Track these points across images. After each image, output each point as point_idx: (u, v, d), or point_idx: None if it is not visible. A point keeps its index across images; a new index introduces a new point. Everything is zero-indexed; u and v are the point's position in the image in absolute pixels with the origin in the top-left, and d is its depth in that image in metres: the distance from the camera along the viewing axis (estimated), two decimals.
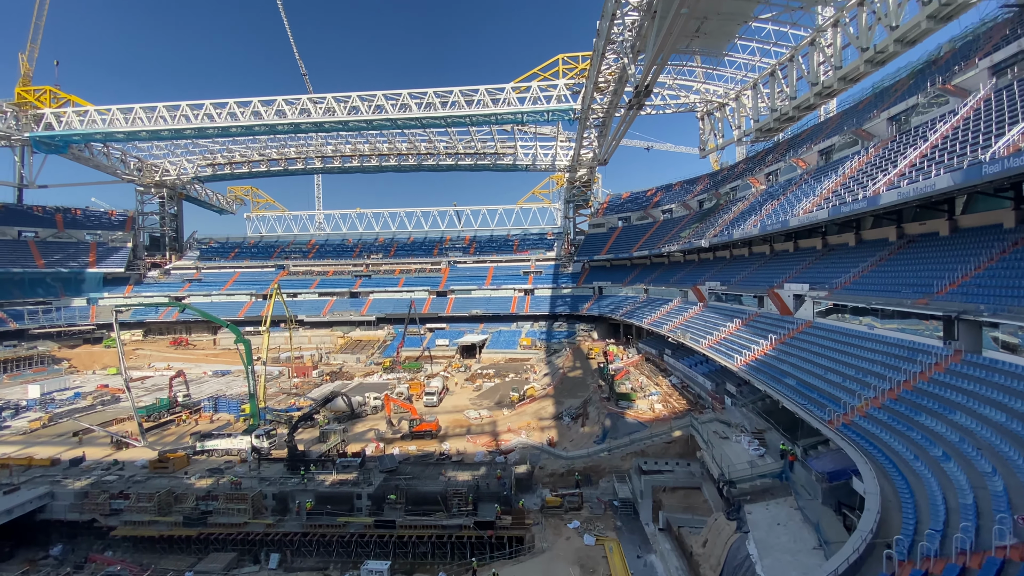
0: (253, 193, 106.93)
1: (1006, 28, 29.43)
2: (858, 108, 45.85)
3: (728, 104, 57.84)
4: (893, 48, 34.15)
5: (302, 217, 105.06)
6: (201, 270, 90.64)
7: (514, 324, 74.23)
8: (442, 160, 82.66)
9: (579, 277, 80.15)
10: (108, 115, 63.17)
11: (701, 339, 39.88)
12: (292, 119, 61.64)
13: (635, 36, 36.57)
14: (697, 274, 55.26)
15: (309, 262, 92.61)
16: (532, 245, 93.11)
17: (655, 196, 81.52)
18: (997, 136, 21.85)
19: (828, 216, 30.79)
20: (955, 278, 22.60)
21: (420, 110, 60.25)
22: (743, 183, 57.54)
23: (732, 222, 49.81)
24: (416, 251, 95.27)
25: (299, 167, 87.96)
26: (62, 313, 73.97)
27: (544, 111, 58.65)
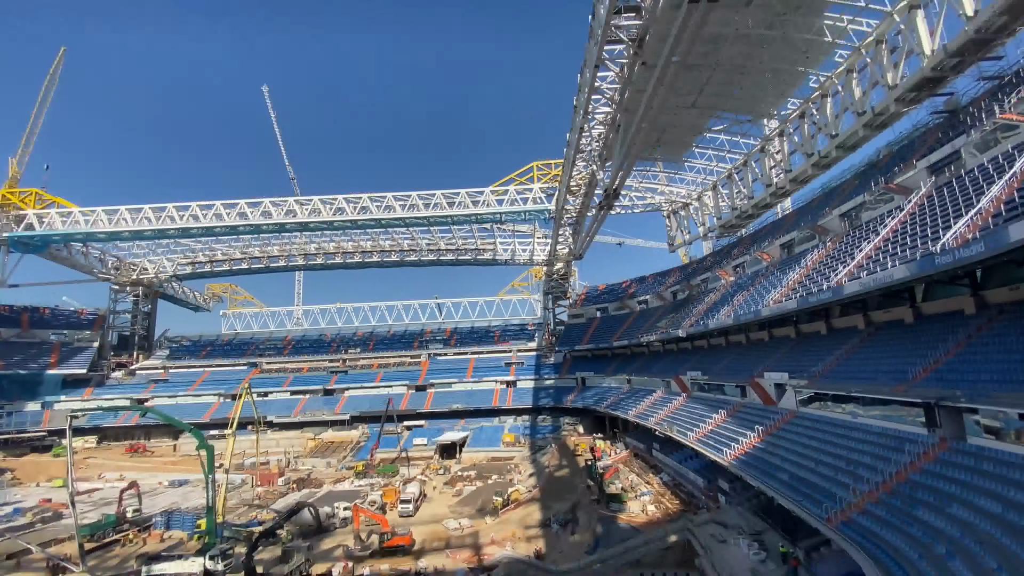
0: (231, 290, 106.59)
1: (938, 132, 32.98)
2: (811, 206, 49.57)
3: (692, 203, 62.09)
4: (835, 153, 37.90)
5: (280, 313, 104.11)
6: (169, 370, 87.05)
7: (496, 419, 71.62)
8: (424, 256, 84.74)
9: (561, 367, 79.33)
10: (92, 216, 64.06)
11: (688, 432, 38.86)
12: (278, 219, 63.43)
13: (602, 146, 39.87)
14: (677, 364, 55.30)
15: (284, 359, 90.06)
16: (513, 336, 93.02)
17: (630, 288, 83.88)
18: (944, 229, 23.57)
19: (797, 306, 31.84)
20: (928, 364, 23.04)
21: (404, 211, 62.91)
22: (713, 275, 59.92)
23: (706, 312, 51.03)
24: (396, 344, 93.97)
25: (281, 265, 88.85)
26: (12, 419, 68.97)
27: (521, 211, 61.86)
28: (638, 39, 25.39)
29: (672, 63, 22.19)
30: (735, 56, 34.42)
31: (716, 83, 37.04)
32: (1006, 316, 22.19)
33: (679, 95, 36.82)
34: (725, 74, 36.20)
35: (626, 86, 29.78)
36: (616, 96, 32.48)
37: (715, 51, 33.36)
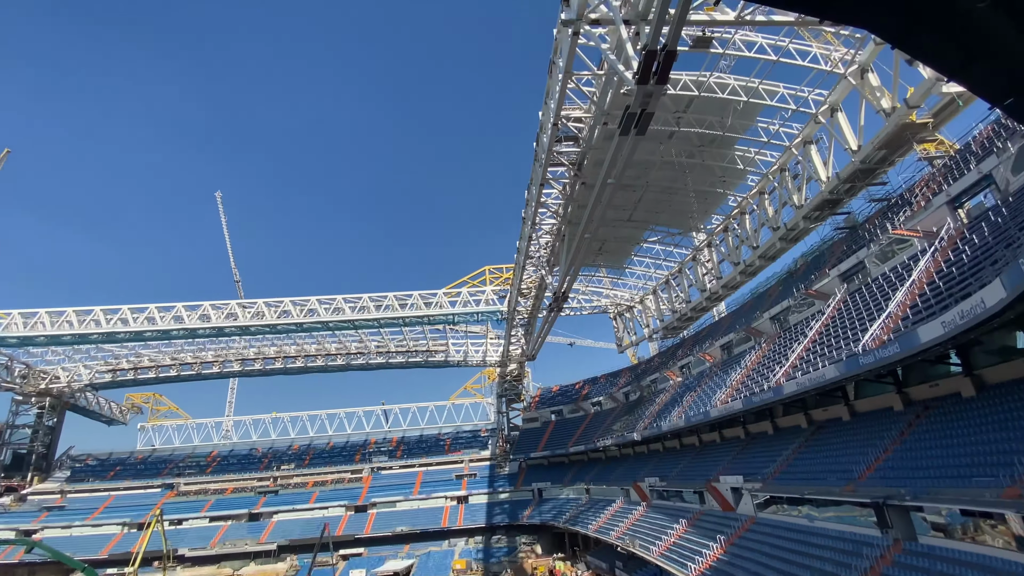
0: (154, 400, 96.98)
1: (843, 245, 37.19)
2: (744, 309, 53.17)
3: (636, 306, 65.22)
4: (758, 263, 41.71)
5: (207, 425, 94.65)
6: (67, 494, 75.13)
7: (446, 542, 65.12)
8: (372, 359, 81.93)
9: (516, 478, 75.03)
10: (7, 320, 58.69)
11: (651, 546, 36.77)
12: (217, 323, 60.46)
13: (549, 253, 42.14)
14: (635, 469, 53.85)
15: (205, 478, 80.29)
16: (465, 444, 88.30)
17: (583, 389, 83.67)
18: (862, 331, 25.69)
19: (743, 407, 32.66)
20: (870, 462, 23.66)
21: (354, 313, 61.90)
22: (661, 376, 61.20)
23: (659, 414, 51.21)
24: (335, 458, 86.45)
25: (215, 371, 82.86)
26: None
27: (474, 312, 62.45)
28: (578, 163, 28.24)
29: (608, 184, 24.59)
30: (663, 179, 38.73)
31: (648, 201, 41.10)
32: (931, 411, 23.63)
33: (616, 210, 40.38)
34: (655, 194, 40.37)
35: (569, 202, 32.41)
36: (560, 210, 35.13)
37: (645, 174, 37.47)
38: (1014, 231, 19.31)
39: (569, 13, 20.00)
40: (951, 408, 22.46)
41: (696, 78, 31.22)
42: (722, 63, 30.44)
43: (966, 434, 20.19)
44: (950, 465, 19.42)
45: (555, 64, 24.06)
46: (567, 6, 20.07)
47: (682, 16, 15.07)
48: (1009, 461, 16.64)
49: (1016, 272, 14.11)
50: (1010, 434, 18.03)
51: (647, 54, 16.13)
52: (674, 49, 15.97)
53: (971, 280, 19.58)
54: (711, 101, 32.28)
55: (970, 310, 16.38)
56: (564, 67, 22.50)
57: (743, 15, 23.27)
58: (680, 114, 33.16)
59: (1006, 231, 20.05)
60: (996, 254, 19.34)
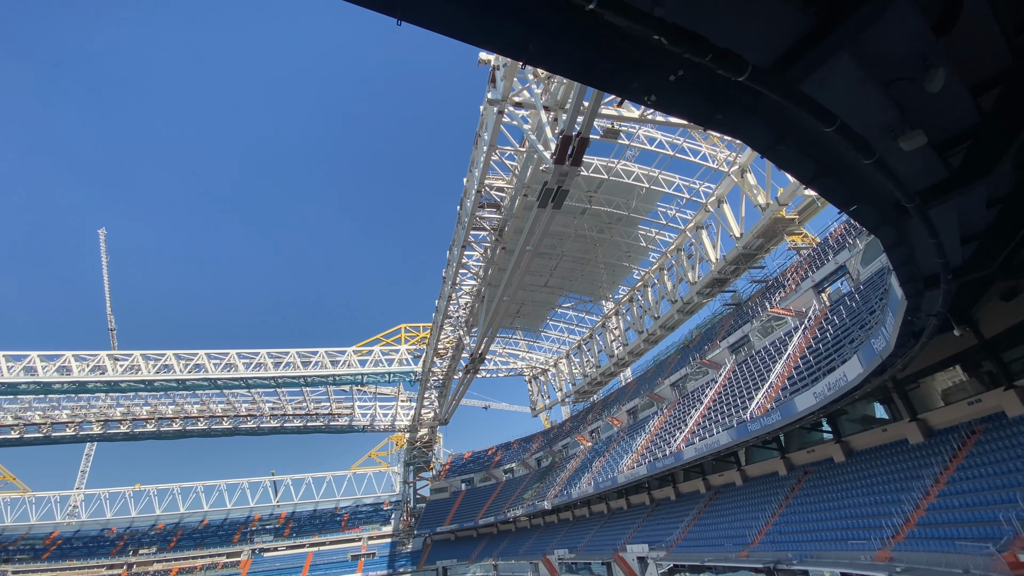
0: None
1: (731, 319, 41.08)
2: (647, 375, 56.04)
3: (550, 370, 66.35)
4: (659, 332, 44.72)
5: (50, 499, 78.39)
6: None
7: None
8: (265, 422, 74.17)
9: (420, 556, 69.47)
10: None
11: None
12: (79, 377, 52.06)
13: (468, 313, 42.18)
14: (545, 540, 52.31)
15: (40, 565, 65.61)
16: (365, 519, 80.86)
17: (496, 455, 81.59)
18: (749, 399, 27.98)
19: (647, 472, 33.59)
20: (761, 526, 25.03)
21: (248, 370, 56.44)
22: (572, 440, 61.63)
23: (569, 480, 50.98)
24: (209, 539, 74.93)
25: (68, 434, 70.04)
26: None
27: (386, 372, 59.65)
28: (499, 229, 29.27)
29: (527, 250, 25.65)
30: (576, 250, 41.18)
31: (563, 269, 43.24)
32: (810, 475, 25.84)
33: (534, 275, 41.92)
34: (569, 263, 42.65)
35: (489, 264, 33.15)
36: (481, 272, 35.74)
37: (561, 244, 39.66)
38: (865, 315, 22.66)
39: (495, 94, 21.51)
40: (826, 472, 24.76)
41: (606, 163, 34.42)
42: (628, 153, 33.96)
43: (840, 497, 22.23)
44: (829, 528, 21.10)
45: (480, 137, 25.40)
46: (493, 87, 21.61)
47: (594, 109, 16.83)
48: (878, 524, 18.42)
49: (868, 351, 16.42)
50: (877, 498, 20.13)
51: (563, 138, 17.65)
52: (587, 136, 17.65)
53: (834, 356, 22.43)
54: (618, 185, 35.55)
55: (835, 382, 18.61)
56: (489, 140, 23.83)
57: (645, 114, 26.47)
58: (592, 193, 36.06)
59: (859, 314, 23.46)
60: (853, 334, 22.45)
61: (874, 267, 25.23)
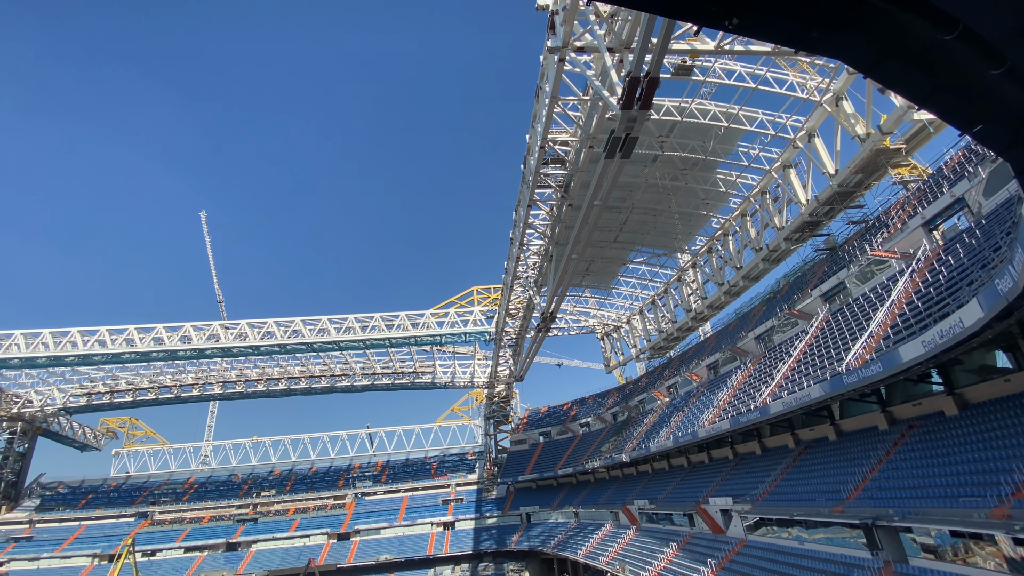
0: (130, 424, 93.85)
1: (824, 266, 37.89)
2: (729, 329, 53.64)
3: (623, 327, 65.44)
4: (742, 283, 42.27)
5: (185, 451, 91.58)
6: (36, 524, 71.73)
7: (431, 571, 63.29)
8: (357, 381, 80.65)
9: (504, 503, 73.63)
10: None
11: (641, 571, 36.14)
12: (199, 344, 59.16)
13: (537, 273, 42.30)
14: (624, 492, 53.25)
15: (182, 506, 77.39)
16: (452, 468, 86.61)
17: (572, 410, 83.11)
18: (845, 351, 26.01)
19: (731, 426, 32.66)
20: (857, 482, 23.68)
21: (340, 334, 61.09)
22: (649, 396, 61.11)
23: (647, 434, 50.97)
24: (318, 484, 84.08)
25: (194, 394, 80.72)
26: None
27: (462, 333, 62.06)
28: (565, 185, 28.61)
29: (594, 205, 24.90)
30: (648, 201, 39.36)
31: (634, 222, 41.66)
32: (915, 430, 23.85)
33: (603, 231, 40.86)
34: (641, 215, 40.97)
35: (556, 223, 32.71)
36: (548, 231, 35.42)
37: (631, 196, 38.07)
38: (988, 252, 19.88)
39: (555, 41, 20.50)
40: (935, 426, 22.70)
41: (678, 104, 32.06)
42: (703, 90, 31.35)
43: (951, 453, 20.37)
44: (937, 484, 19.52)
45: (541, 89, 24.55)
46: (553, 34, 20.59)
47: (664, 45, 15.54)
48: (995, 481, 16.76)
49: (992, 292, 14.47)
50: (995, 453, 18.22)
51: (630, 81, 16.55)
52: (656, 76, 16.41)
53: (949, 300, 20.03)
54: (693, 126, 33.12)
55: (949, 329, 16.71)
56: (550, 92, 22.97)
57: (722, 44, 24.07)
58: (663, 138, 33.94)
59: (980, 252, 20.63)
60: (972, 275, 19.85)
61: (999, 198, 21.86)
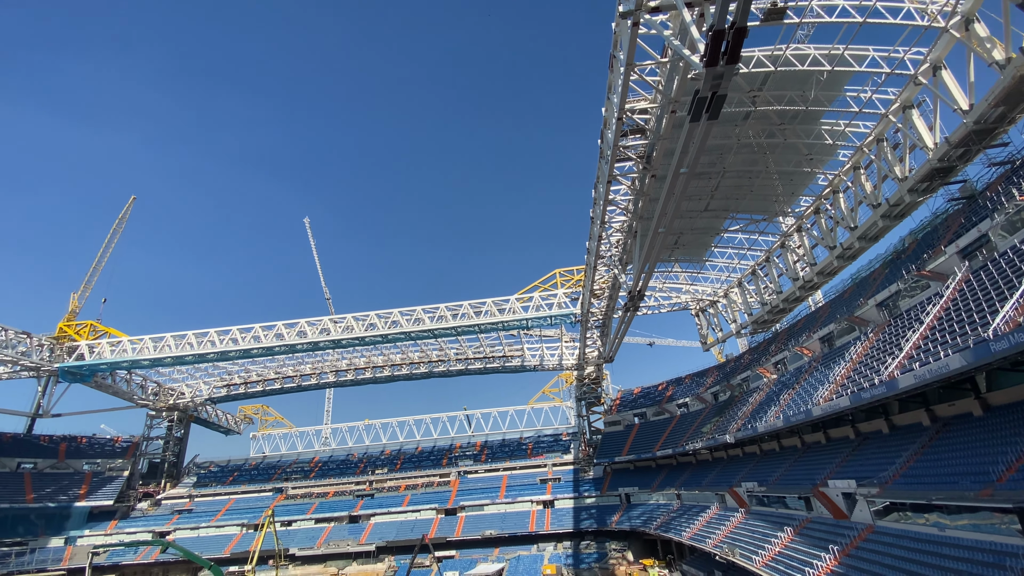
0: (263, 411, 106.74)
1: (961, 217, 32.86)
2: (844, 297, 48.52)
3: (719, 301, 61.70)
4: (858, 244, 37.94)
5: (308, 433, 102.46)
6: (194, 498, 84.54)
7: (535, 547, 65.27)
8: (452, 366, 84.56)
9: (602, 483, 73.63)
10: (139, 344, 67.43)
11: (753, 555, 34.41)
12: (313, 338, 65.43)
13: (621, 251, 41.10)
14: (730, 474, 50.80)
15: (310, 482, 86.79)
16: (547, 448, 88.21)
17: (667, 390, 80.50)
18: (991, 313, 22.48)
19: (851, 403, 29.70)
20: (1010, 462, 20.54)
21: (432, 322, 64.31)
22: (753, 373, 57.34)
23: (752, 414, 47.99)
24: (424, 462, 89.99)
25: (312, 383, 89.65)
26: (34, 556, 66.28)
27: (547, 316, 62.41)
28: (646, 156, 27.38)
29: (680, 174, 23.55)
30: (741, 163, 36.49)
31: (727, 188, 38.88)
32: None
33: (692, 201, 38.64)
34: (734, 179, 38.12)
35: (639, 197, 31.47)
36: (630, 206, 34.21)
37: (721, 160, 35.52)
38: None
39: (627, 4, 19.51)
40: None
41: (771, 53, 29.16)
42: (799, 33, 28.19)
43: None
44: None
45: (615, 58, 23.55)
46: None
47: None
48: None
49: None
50: None
51: (714, 35, 15.31)
52: (744, 25, 15.02)
53: None
54: (789, 75, 29.98)
55: None
56: (625, 59, 21.95)
57: None
58: (755, 93, 31.12)
59: None
60: None
61: None
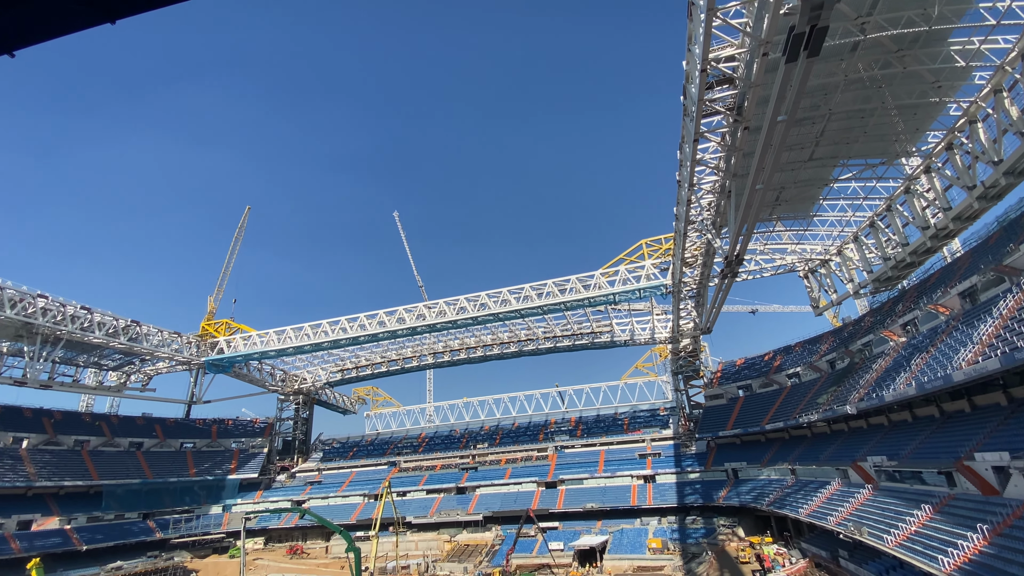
0: (373, 392, 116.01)
1: None
2: (989, 244, 41.70)
3: (831, 259, 55.81)
4: (1004, 181, 32.25)
5: (415, 411, 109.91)
6: (322, 471, 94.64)
7: (637, 520, 64.97)
8: (541, 344, 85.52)
9: (706, 458, 71.00)
10: (265, 337, 76.10)
11: (884, 534, 31.45)
12: (410, 324, 69.55)
13: (714, 214, 38.48)
14: (852, 447, 46.54)
15: (419, 456, 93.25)
16: (644, 423, 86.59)
17: (775, 360, 75.03)
18: None
19: (1002, 365, 25.70)
20: None
21: (518, 303, 65.29)
22: (876, 337, 51.55)
23: (877, 382, 43.28)
24: (521, 437, 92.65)
25: (414, 365, 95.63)
26: (200, 522, 78.71)
27: (635, 290, 60.56)
28: (736, 107, 25.19)
29: (778, 123, 21.37)
30: (850, 102, 32.35)
31: (834, 132, 34.75)
32: None
33: (793, 151, 35.09)
34: (843, 121, 33.94)
35: (731, 153, 29.13)
36: (721, 164, 31.80)
37: (826, 101, 31.75)
38: None
39: None
40: None
41: None
42: None
43: None
44: None
45: (694, 5, 21.73)
46: None
47: None
48: None
49: None
50: None
51: None
52: None
53: None
54: None
55: None
56: (706, 4, 20.17)
57: None
58: (863, 19, 27.12)
59: None
60: None
61: None
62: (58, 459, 72.29)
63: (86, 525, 68.16)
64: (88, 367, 73.71)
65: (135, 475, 77.61)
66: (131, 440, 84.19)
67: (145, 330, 69.28)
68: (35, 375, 60.36)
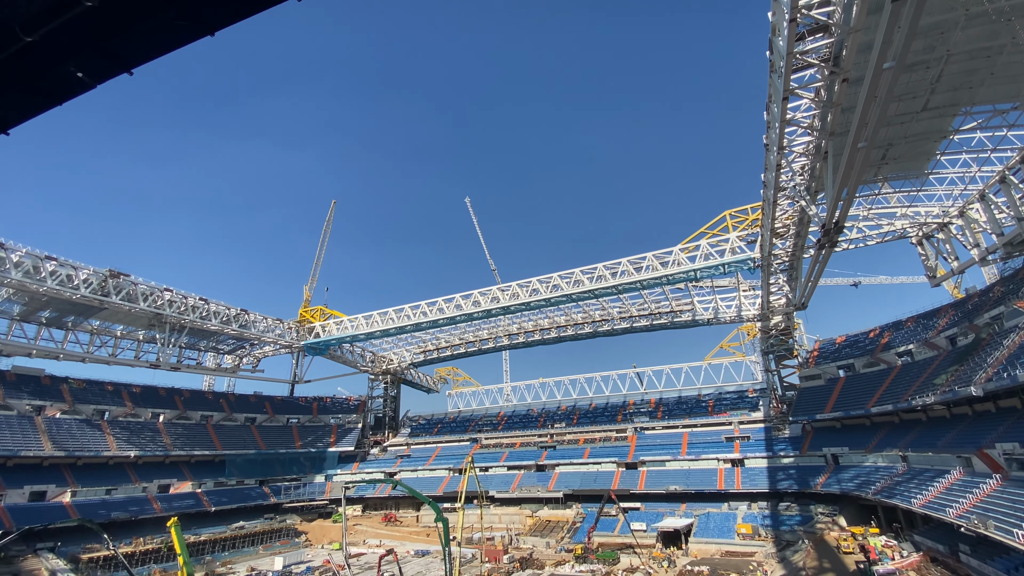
0: (454, 372, 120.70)
1: None
2: None
3: (952, 222, 49.18)
4: None
5: (492, 391, 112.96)
6: (411, 446, 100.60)
7: (725, 505, 62.61)
8: (616, 325, 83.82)
9: (801, 442, 66.51)
10: (355, 322, 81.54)
11: (1015, 528, 27.86)
12: (485, 307, 71.19)
13: (809, 178, 35.20)
14: (977, 433, 41.38)
15: (499, 434, 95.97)
16: (731, 405, 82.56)
17: (881, 337, 68.07)
18: None
19: None
20: None
21: (592, 283, 64.30)
22: (1008, 310, 45.03)
23: (1009, 360, 37.91)
24: (599, 418, 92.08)
25: (490, 346, 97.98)
26: (306, 489, 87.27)
27: (718, 264, 57.32)
28: (831, 58, 22.64)
29: (884, 70, 18.90)
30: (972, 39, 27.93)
31: (953, 76, 30.27)
32: None
33: (903, 101, 31.09)
34: (964, 63, 29.43)
35: (827, 110, 26.31)
36: (816, 123, 28.87)
37: (943, 41, 27.64)
38: None
39: None
40: None
41: None
42: None
43: None
44: None
45: None
46: None
47: None
48: None
49: None
50: None
51: None
52: None
53: None
54: None
55: None
56: None
57: None
58: None
59: None
60: None
61: None
62: (188, 432, 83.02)
63: (213, 489, 77.98)
64: (207, 351, 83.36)
65: (251, 446, 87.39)
66: (246, 415, 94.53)
67: (252, 317, 76.93)
68: (166, 359, 69.38)
